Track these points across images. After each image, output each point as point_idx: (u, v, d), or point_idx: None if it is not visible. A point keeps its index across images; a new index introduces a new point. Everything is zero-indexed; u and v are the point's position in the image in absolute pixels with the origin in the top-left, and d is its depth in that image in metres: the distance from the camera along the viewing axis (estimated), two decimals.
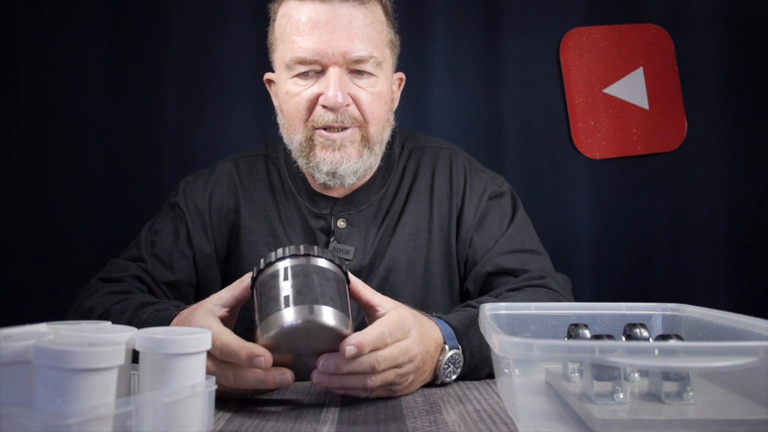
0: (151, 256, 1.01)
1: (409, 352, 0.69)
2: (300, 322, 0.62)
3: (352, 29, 0.93)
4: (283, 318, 0.62)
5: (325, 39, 0.92)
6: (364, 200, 1.05)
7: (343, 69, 0.94)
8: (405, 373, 0.70)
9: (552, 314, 0.68)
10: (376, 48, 0.95)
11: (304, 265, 0.66)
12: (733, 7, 1.81)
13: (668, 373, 0.53)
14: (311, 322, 0.62)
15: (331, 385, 0.66)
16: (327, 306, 0.64)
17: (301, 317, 0.62)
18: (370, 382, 0.66)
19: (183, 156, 1.74)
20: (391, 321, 0.68)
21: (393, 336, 0.67)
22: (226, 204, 1.06)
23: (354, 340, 0.64)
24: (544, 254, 1.05)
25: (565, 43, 1.83)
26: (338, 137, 0.96)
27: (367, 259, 1.02)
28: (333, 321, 0.63)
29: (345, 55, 0.93)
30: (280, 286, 0.65)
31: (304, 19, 0.93)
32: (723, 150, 1.82)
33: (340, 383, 0.66)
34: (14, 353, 0.48)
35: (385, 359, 0.66)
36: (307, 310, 0.62)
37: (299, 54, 0.93)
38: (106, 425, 0.46)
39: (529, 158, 1.81)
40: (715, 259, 1.79)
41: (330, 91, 0.92)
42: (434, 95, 1.79)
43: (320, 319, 0.62)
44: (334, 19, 0.92)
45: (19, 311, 1.64)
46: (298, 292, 0.64)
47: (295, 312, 0.62)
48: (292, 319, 0.62)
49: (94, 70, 1.73)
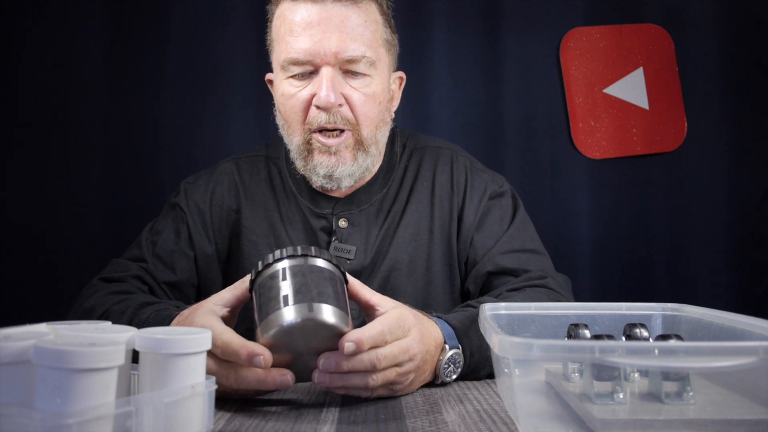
0: (152, 256, 1.01)
1: (409, 350, 0.69)
2: (300, 320, 0.62)
3: (345, 29, 0.93)
4: (282, 317, 0.63)
5: (317, 39, 0.92)
6: (366, 200, 1.05)
7: (335, 69, 0.94)
8: (406, 372, 0.70)
9: (552, 314, 0.68)
10: (370, 48, 0.95)
11: (302, 266, 0.67)
12: (733, 7, 1.81)
13: (668, 373, 0.53)
14: (311, 320, 0.62)
15: (332, 384, 0.66)
16: (326, 304, 0.64)
17: (301, 315, 0.62)
18: (371, 381, 0.66)
19: (183, 156, 1.74)
20: (390, 319, 0.68)
21: (393, 334, 0.67)
22: (227, 204, 1.07)
23: (353, 336, 0.64)
24: (544, 254, 1.05)
25: (565, 43, 1.83)
26: (333, 143, 0.96)
27: (368, 259, 1.02)
28: (332, 318, 0.63)
29: (337, 55, 0.93)
30: (279, 286, 0.65)
31: (297, 20, 0.94)
32: (723, 150, 1.82)
33: (342, 382, 0.66)
34: (14, 353, 0.48)
35: (385, 357, 0.66)
36: (306, 308, 0.63)
37: (292, 55, 0.94)
38: (106, 425, 0.46)
39: (529, 158, 1.81)
40: (715, 259, 1.79)
41: (322, 91, 0.92)
42: (434, 95, 1.79)
43: (320, 317, 0.63)
44: (326, 19, 0.92)
45: (19, 311, 1.64)
46: (297, 291, 0.64)
47: (294, 310, 0.63)
48: (292, 317, 0.62)
49: (94, 70, 1.73)
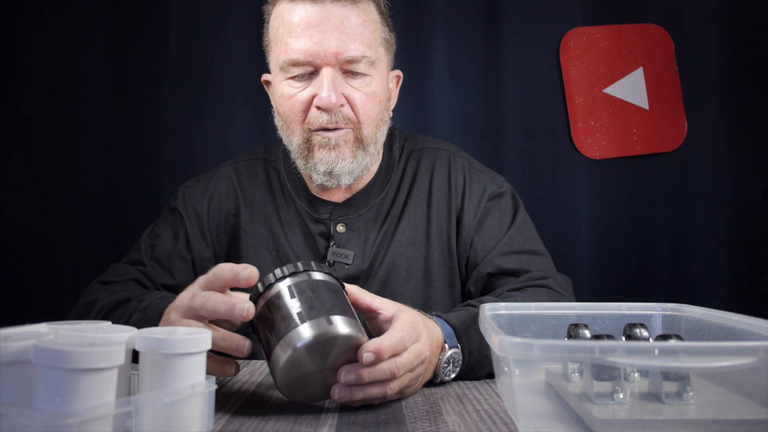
0: (150, 259, 1.02)
1: (422, 354, 0.69)
2: (320, 334, 0.61)
3: (344, 29, 0.92)
4: (300, 334, 0.61)
5: (317, 40, 0.92)
6: (364, 204, 1.05)
7: (336, 69, 0.93)
8: (417, 376, 0.70)
9: (552, 314, 0.68)
10: (370, 47, 0.95)
11: (307, 281, 0.66)
12: (733, 7, 1.81)
13: (668, 373, 0.52)
14: (331, 334, 0.61)
15: (352, 397, 0.64)
16: (340, 316, 0.63)
17: (320, 329, 0.61)
18: (389, 390, 0.65)
19: (183, 157, 1.74)
20: (406, 325, 0.68)
21: (411, 340, 0.67)
22: (226, 208, 1.07)
23: (372, 346, 0.63)
24: (545, 254, 1.05)
25: (565, 43, 1.83)
26: (333, 136, 0.95)
27: (366, 264, 1.02)
28: (351, 329, 0.62)
29: (337, 55, 0.92)
30: (288, 305, 0.64)
31: (296, 21, 0.93)
32: (723, 150, 1.82)
33: (362, 395, 0.65)
34: (14, 353, 0.48)
35: (404, 365, 0.66)
36: (325, 322, 0.62)
37: (292, 56, 0.93)
38: (106, 425, 0.46)
39: (529, 158, 1.81)
40: (715, 259, 1.79)
41: (323, 92, 0.92)
42: (434, 95, 1.79)
43: (339, 330, 0.62)
44: (325, 20, 0.92)
45: (19, 311, 1.64)
46: (311, 307, 0.63)
47: (312, 326, 0.61)
48: (311, 333, 0.61)
49: (94, 71, 1.74)
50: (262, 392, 0.74)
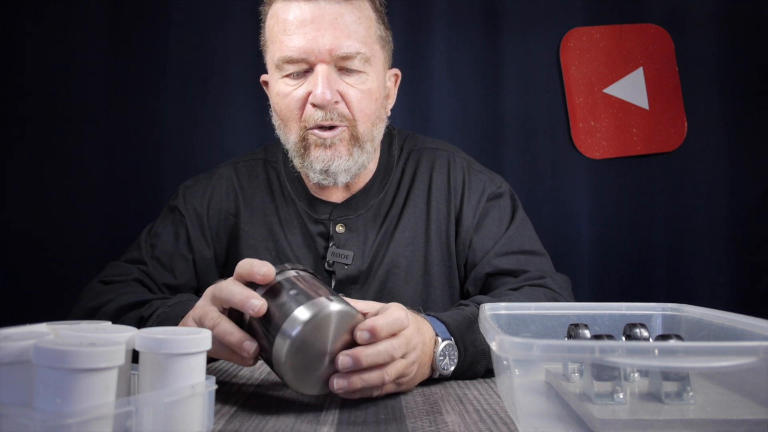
0: (151, 258, 1.02)
1: (411, 340, 0.69)
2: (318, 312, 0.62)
3: (339, 26, 0.92)
4: (298, 316, 0.63)
5: (312, 37, 0.92)
6: (363, 205, 1.05)
7: (330, 66, 0.94)
8: (410, 363, 0.70)
9: (552, 314, 0.68)
10: (364, 44, 0.95)
11: (297, 276, 0.68)
12: (733, 7, 1.81)
13: (668, 373, 0.52)
14: (329, 312, 0.63)
15: (351, 386, 0.64)
16: (336, 298, 0.65)
17: (318, 308, 0.63)
18: (387, 375, 0.66)
19: (183, 157, 1.74)
20: (396, 309, 0.69)
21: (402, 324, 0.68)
22: (225, 208, 1.07)
23: (367, 324, 0.64)
24: (544, 254, 1.05)
25: (565, 43, 1.83)
26: (329, 135, 0.95)
27: (365, 264, 1.02)
28: (346, 306, 0.64)
29: (332, 52, 0.92)
30: (282, 296, 0.66)
31: (291, 19, 0.93)
32: (723, 150, 1.82)
33: (361, 383, 0.65)
34: (14, 353, 0.48)
35: (399, 346, 0.66)
36: (324, 301, 0.63)
37: (286, 53, 0.93)
38: (106, 425, 0.46)
39: (529, 158, 1.81)
40: (715, 259, 1.79)
41: (318, 89, 0.92)
42: (434, 95, 1.79)
43: (337, 306, 0.63)
44: (320, 17, 0.92)
45: (19, 311, 1.64)
46: (306, 295, 0.65)
47: (310, 306, 0.63)
48: (310, 313, 0.62)
49: (94, 71, 1.74)
50: (262, 392, 0.74)
